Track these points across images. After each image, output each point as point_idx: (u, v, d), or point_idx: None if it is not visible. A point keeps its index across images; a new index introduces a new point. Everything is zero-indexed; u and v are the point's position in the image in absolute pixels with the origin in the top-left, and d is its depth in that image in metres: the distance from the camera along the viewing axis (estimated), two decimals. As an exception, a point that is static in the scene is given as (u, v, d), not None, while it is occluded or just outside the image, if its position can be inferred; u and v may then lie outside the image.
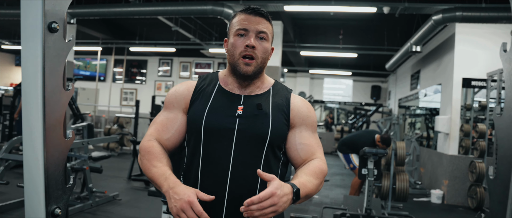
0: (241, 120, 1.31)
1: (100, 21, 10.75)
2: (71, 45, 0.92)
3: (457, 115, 6.45)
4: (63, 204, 0.94)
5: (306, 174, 1.27)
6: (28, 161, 0.88)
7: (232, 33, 1.35)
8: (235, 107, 1.33)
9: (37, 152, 0.87)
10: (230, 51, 1.35)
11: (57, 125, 0.90)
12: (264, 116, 1.32)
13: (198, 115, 1.32)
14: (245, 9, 1.35)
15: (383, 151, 3.92)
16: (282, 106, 1.37)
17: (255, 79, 1.38)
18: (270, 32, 1.37)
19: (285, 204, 1.12)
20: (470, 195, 5.84)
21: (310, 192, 1.24)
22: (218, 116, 1.32)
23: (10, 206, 4.28)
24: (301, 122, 1.39)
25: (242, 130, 1.30)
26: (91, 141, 4.73)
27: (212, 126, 1.30)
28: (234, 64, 1.34)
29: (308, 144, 1.37)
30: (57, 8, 0.87)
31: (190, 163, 1.35)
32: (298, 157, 1.36)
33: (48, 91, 0.87)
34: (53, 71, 0.88)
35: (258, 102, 1.35)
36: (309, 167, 1.31)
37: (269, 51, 1.37)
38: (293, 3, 6.70)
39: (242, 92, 1.38)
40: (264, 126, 1.31)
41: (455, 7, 5.73)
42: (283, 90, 1.44)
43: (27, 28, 0.85)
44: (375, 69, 13.20)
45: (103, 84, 14.20)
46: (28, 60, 0.85)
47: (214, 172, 1.29)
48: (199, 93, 1.38)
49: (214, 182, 1.29)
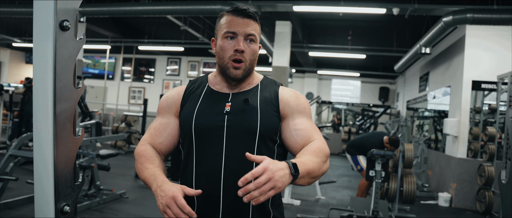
0: (229, 116, 1.32)
1: (109, 20, 10.82)
2: (81, 43, 0.93)
3: (466, 118, 6.39)
4: (72, 202, 0.94)
5: (304, 155, 1.25)
6: (38, 159, 0.88)
7: (220, 35, 1.36)
8: (223, 105, 1.35)
9: (47, 149, 0.87)
10: (219, 54, 1.36)
11: (67, 122, 0.91)
12: (251, 110, 1.33)
13: (188, 117, 1.35)
14: (233, 10, 1.35)
15: (391, 153, 3.90)
16: (270, 99, 1.37)
17: (244, 79, 1.39)
18: (258, 33, 1.37)
19: (283, 178, 1.07)
20: (478, 199, 5.78)
21: (312, 169, 1.19)
22: (206, 115, 1.33)
23: (20, 202, 4.33)
24: (292, 111, 1.38)
25: (231, 126, 1.30)
26: (99, 139, 4.76)
27: (201, 126, 1.32)
28: (223, 67, 1.35)
29: (303, 129, 1.35)
30: (68, 6, 0.88)
31: (186, 165, 1.36)
32: (295, 143, 1.34)
33: (58, 89, 0.87)
34: (64, 69, 0.88)
35: (245, 97, 1.36)
36: (307, 148, 1.28)
37: (257, 52, 1.38)
38: (302, 4, 6.68)
39: (231, 90, 1.39)
40: (252, 119, 1.31)
41: (466, 9, 5.67)
42: (271, 84, 1.44)
43: (39, 26, 0.85)
44: (383, 71, 13.13)
45: (111, 83, 14.28)
46: (40, 58, 0.85)
47: (208, 171, 1.30)
48: (189, 96, 1.41)
49: (208, 181, 1.29)
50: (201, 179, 1.30)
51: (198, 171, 1.31)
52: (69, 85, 0.90)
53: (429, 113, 10.00)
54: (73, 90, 0.92)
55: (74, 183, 0.95)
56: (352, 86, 15.17)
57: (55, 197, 0.89)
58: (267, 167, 1.05)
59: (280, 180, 1.05)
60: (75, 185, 0.95)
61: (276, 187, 1.05)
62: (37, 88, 0.87)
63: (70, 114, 0.92)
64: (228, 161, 1.28)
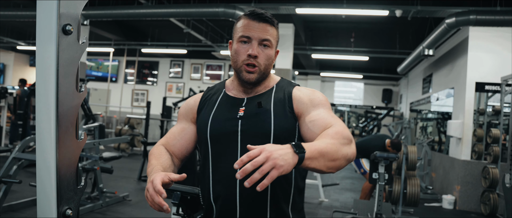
0: (243, 121, 1.32)
1: (112, 23, 10.86)
2: (84, 47, 0.93)
3: (470, 120, 6.36)
4: (74, 205, 0.94)
5: (317, 139, 1.16)
6: (41, 162, 0.88)
7: (235, 38, 1.36)
8: (237, 110, 1.35)
9: (49, 153, 0.87)
10: (233, 57, 1.36)
11: (69, 126, 0.91)
12: (264, 113, 1.32)
13: (204, 123, 1.36)
14: (250, 14, 1.34)
15: (395, 155, 3.89)
16: (283, 100, 1.35)
17: (259, 83, 1.39)
18: (274, 38, 1.35)
19: (284, 157, 0.97)
20: (483, 201, 5.75)
21: (325, 150, 1.08)
22: (221, 121, 1.34)
23: (23, 205, 4.34)
24: (306, 106, 1.32)
25: (245, 130, 1.30)
26: (102, 141, 4.77)
27: (216, 132, 1.32)
28: (237, 71, 1.35)
29: (318, 119, 1.28)
30: (71, 10, 0.88)
31: (203, 171, 1.37)
32: (313, 134, 1.26)
33: (61, 93, 0.87)
34: (66, 73, 0.88)
35: (259, 100, 1.35)
36: (322, 134, 1.20)
37: (272, 57, 1.36)
38: (305, 6, 6.69)
39: (246, 95, 1.39)
40: (266, 123, 1.30)
41: (469, 10, 5.65)
42: (287, 85, 1.42)
43: (42, 30, 0.85)
44: (386, 73, 13.10)
45: (114, 85, 14.32)
46: (42, 62, 0.86)
47: (224, 176, 1.30)
48: (205, 102, 1.43)
49: (225, 186, 1.29)
50: (218, 184, 1.31)
51: (215, 177, 1.32)
52: (71, 88, 0.90)
53: (433, 115, 9.97)
54: (76, 94, 0.92)
55: (76, 186, 0.95)
56: (355, 88, 15.14)
57: (57, 201, 0.89)
58: (263, 148, 0.98)
59: (280, 158, 0.96)
60: (77, 189, 0.95)
61: (278, 166, 0.95)
62: (40, 91, 0.87)
63: (72, 117, 0.92)
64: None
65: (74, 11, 0.88)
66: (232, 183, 1.27)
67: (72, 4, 0.88)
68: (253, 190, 1.24)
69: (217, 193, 1.30)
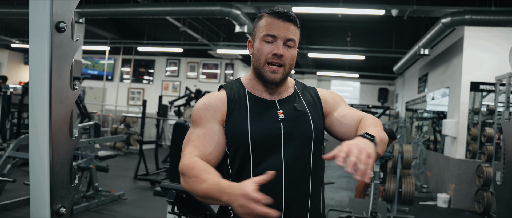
0: (285, 123, 1.30)
1: (108, 21, 10.82)
2: (78, 44, 0.93)
3: (465, 119, 6.39)
4: (68, 203, 0.94)
5: (363, 129, 1.20)
6: (34, 160, 0.88)
7: (258, 37, 1.32)
8: (275, 112, 1.32)
9: (43, 151, 0.87)
10: (255, 55, 1.32)
11: (63, 124, 0.91)
12: (304, 115, 1.33)
13: (241, 127, 1.27)
14: (274, 12, 1.31)
15: (389, 154, 3.90)
16: (314, 103, 1.40)
17: (282, 84, 1.37)
18: (298, 38, 1.34)
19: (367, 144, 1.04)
20: (477, 200, 5.78)
21: (380, 134, 1.18)
22: (262, 124, 1.28)
23: (17, 204, 4.32)
24: (332, 106, 1.42)
25: (288, 133, 1.28)
26: (97, 140, 4.75)
27: (259, 135, 1.27)
28: (259, 70, 1.31)
29: (348, 113, 1.37)
30: (64, 8, 0.88)
31: (239, 177, 1.26)
32: (348, 127, 1.34)
33: (54, 91, 0.87)
34: (60, 70, 0.88)
35: (293, 104, 1.36)
36: (363, 124, 1.28)
37: (295, 57, 1.35)
38: (301, 5, 6.69)
39: (272, 97, 1.37)
40: (307, 125, 1.31)
41: (464, 10, 5.68)
42: (305, 87, 1.47)
43: (35, 27, 0.85)
44: (382, 72, 13.13)
45: (110, 84, 14.27)
46: (36, 59, 0.86)
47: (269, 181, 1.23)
48: (234, 102, 1.33)
49: (270, 190, 1.19)
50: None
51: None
52: (65, 86, 0.90)
53: (428, 114, 10.01)
54: (70, 92, 0.92)
55: (70, 184, 0.95)
56: (352, 87, 15.17)
57: (51, 199, 0.89)
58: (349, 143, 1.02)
59: (367, 147, 1.03)
60: (71, 187, 0.95)
61: (370, 154, 1.01)
62: (33, 89, 0.87)
63: (66, 115, 0.92)
64: (288, 167, 1.26)
65: (67, 9, 0.88)
66: (277, 186, 1.24)
67: (65, 1, 0.87)
68: (298, 192, 1.25)
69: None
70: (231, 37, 11.30)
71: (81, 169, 4.53)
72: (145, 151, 6.77)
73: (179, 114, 9.73)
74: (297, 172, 1.26)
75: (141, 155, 6.37)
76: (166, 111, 8.93)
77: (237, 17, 6.89)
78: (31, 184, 0.89)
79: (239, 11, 6.81)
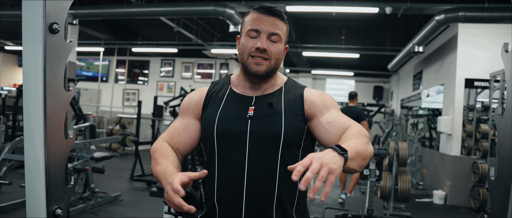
0: (253, 121, 1.27)
1: (102, 22, 10.78)
2: (72, 46, 0.92)
3: (460, 116, 6.43)
4: (64, 204, 0.94)
5: (344, 140, 1.16)
6: (29, 162, 0.88)
7: (243, 32, 1.32)
8: (246, 109, 1.30)
9: (38, 152, 0.87)
10: (240, 50, 1.32)
11: (58, 125, 0.91)
12: (275, 115, 1.28)
13: (210, 121, 1.30)
14: (259, 7, 1.30)
15: (385, 151, 3.92)
16: (294, 102, 1.33)
17: (267, 79, 1.34)
18: (284, 33, 1.32)
19: (334, 159, 0.96)
20: (472, 196, 5.82)
21: (359, 150, 1.09)
22: (229, 119, 1.29)
23: (13, 206, 4.30)
24: (319, 108, 1.32)
25: (254, 131, 1.26)
26: (93, 141, 4.74)
27: (224, 130, 1.27)
28: (244, 64, 1.31)
29: (335, 119, 1.28)
30: (58, 9, 0.87)
31: (208, 170, 1.30)
32: (332, 135, 1.26)
33: (49, 92, 0.87)
34: (54, 72, 0.88)
35: (269, 101, 1.31)
36: (346, 134, 1.20)
37: (282, 52, 1.33)
38: (295, 4, 6.69)
39: (254, 93, 1.35)
40: (276, 125, 1.26)
41: (458, 7, 5.71)
42: (295, 86, 1.40)
43: (28, 29, 0.85)
44: (377, 70, 13.18)
45: (105, 85, 14.22)
46: (29, 61, 0.85)
47: (230, 177, 1.26)
48: (211, 98, 1.37)
49: (231, 187, 1.25)
50: (223, 184, 1.27)
51: (221, 177, 1.27)
52: (59, 87, 0.90)
53: (423, 111, 10.06)
54: (64, 93, 0.91)
55: (66, 186, 0.95)
56: (347, 86, 15.21)
57: (47, 200, 0.88)
58: (312, 156, 0.96)
59: (331, 162, 0.95)
60: (67, 188, 0.95)
61: (332, 170, 0.93)
62: (28, 91, 0.86)
63: (61, 116, 0.91)
64: (251, 166, 1.24)
65: (60, 10, 0.88)
66: (238, 184, 1.24)
67: (58, 2, 0.87)
68: (260, 191, 1.23)
69: (221, 194, 1.26)
70: (226, 37, 11.29)
71: (77, 170, 4.52)
72: (141, 151, 6.75)
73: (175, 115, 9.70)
74: (261, 172, 1.24)
75: (137, 156, 6.36)
76: (161, 112, 8.92)
77: (231, 17, 6.88)
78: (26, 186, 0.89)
79: (233, 11, 6.81)
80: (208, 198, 1.32)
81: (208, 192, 1.31)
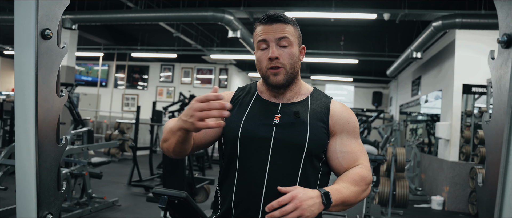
0: (278, 129, 1.27)
1: (102, 27, 10.80)
2: (64, 51, 0.93)
3: (458, 121, 6.43)
4: (55, 210, 0.94)
5: (343, 181, 1.22)
6: (20, 167, 0.88)
7: (256, 46, 1.34)
8: (272, 116, 1.31)
9: (29, 158, 0.87)
10: (257, 65, 1.34)
11: (50, 131, 0.91)
12: (301, 124, 1.28)
13: (235, 124, 1.30)
14: (261, 19, 1.32)
15: (382, 157, 3.92)
16: (320, 114, 1.32)
17: (290, 86, 1.35)
18: (293, 34, 1.32)
19: (312, 208, 1.04)
20: (470, 202, 5.81)
21: (347, 198, 1.16)
22: (254, 124, 1.29)
23: (9, 212, 4.28)
24: (342, 129, 1.33)
25: (278, 139, 1.26)
26: (91, 146, 4.73)
27: (248, 134, 1.28)
28: (264, 77, 1.33)
29: (349, 152, 1.30)
30: (50, 14, 0.88)
31: (227, 173, 1.32)
32: (339, 166, 1.30)
33: (40, 98, 0.87)
34: (46, 77, 0.88)
35: (295, 110, 1.31)
36: (348, 174, 1.25)
37: (296, 55, 1.33)
38: (294, 10, 6.72)
39: (280, 100, 1.36)
40: (301, 135, 1.26)
41: (455, 14, 5.74)
42: (322, 96, 1.40)
43: (20, 35, 0.85)
44: (376, 75, 13.20)
45: (104, 90, 14.23)
46: (21, 67, 0.86)
47: (249, 182, 1.25)
48: (237, 102, 1.38)
49: (249, 192, 1.25)
50: (242, 188, 1.26)
51: (240, 180, 1.27)
52: (51, 93, 0.90)
53: (422, 117, 10.06)
54: (56, 99, 0.92)
55: (57, 191, 0.95)
56: (346, 91, 15.23)
57: (37, 206, 0.89)
58: (295, 195, 1.03)
59: (308, 209, 1.03)
60: (58, 193, 0.95)
61: (303, 216, 1.02)
62: (19, 97, 0.87)
63: (53, 122, 0.92)
64: (272, 173, 1.24)
65: (53, 15, 0.88)
66: (257, 189, 1.24)
67: (51, 8, 0.87)
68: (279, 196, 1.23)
69: (239, 198, 1.26)
70: (225, 42, 11.31)
71: (74, 175, 4.51)
72: (139, 157, 6.75)
73: (174, 120, 9.71)
74: (281, 180, 1.23)
75: (135, 161, 6.35)
76: (160, 117, 8.91)
77: (230, 23, 6.91)
78: (17, 190, 0.89)
79: (231, 16, 6.83)
80: (224, 200, 1.32)
81: (225, 194, 1.31)
